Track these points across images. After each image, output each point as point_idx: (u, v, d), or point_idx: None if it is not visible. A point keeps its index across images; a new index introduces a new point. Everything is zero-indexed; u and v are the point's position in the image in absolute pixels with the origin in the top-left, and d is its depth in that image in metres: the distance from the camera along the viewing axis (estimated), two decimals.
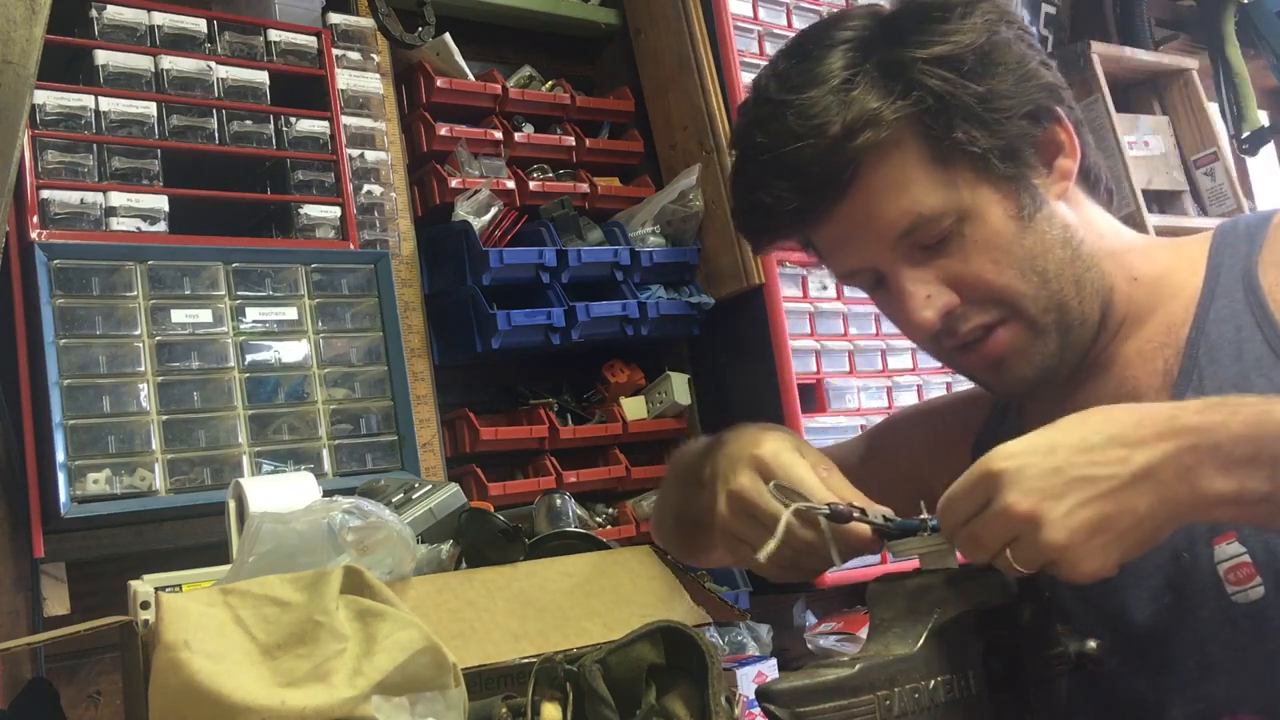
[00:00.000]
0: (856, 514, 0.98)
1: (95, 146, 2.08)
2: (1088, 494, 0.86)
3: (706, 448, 1.21)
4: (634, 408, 2.82)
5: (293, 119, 2.32)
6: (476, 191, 2.59)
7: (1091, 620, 0.98)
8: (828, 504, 0.99)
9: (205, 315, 2.12)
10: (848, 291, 2.90)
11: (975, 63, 1.08)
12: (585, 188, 2.81)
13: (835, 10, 1.16)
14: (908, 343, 2.98)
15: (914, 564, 0.97)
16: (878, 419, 1.68)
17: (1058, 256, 1.11)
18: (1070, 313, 1.11)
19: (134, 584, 1.25)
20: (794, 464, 1.05)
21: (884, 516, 0.99)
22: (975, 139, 1.07)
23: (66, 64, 2.13)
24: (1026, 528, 0.86)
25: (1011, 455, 0.88)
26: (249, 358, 2.15)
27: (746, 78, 2.86)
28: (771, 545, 0.97)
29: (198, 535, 2.08)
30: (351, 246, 2.33)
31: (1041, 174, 1.12)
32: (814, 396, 2.79)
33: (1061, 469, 0.86)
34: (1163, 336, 1.14)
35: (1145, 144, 3.74)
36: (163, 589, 1.23)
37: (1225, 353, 1.09)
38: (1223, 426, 0.88)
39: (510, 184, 2.67)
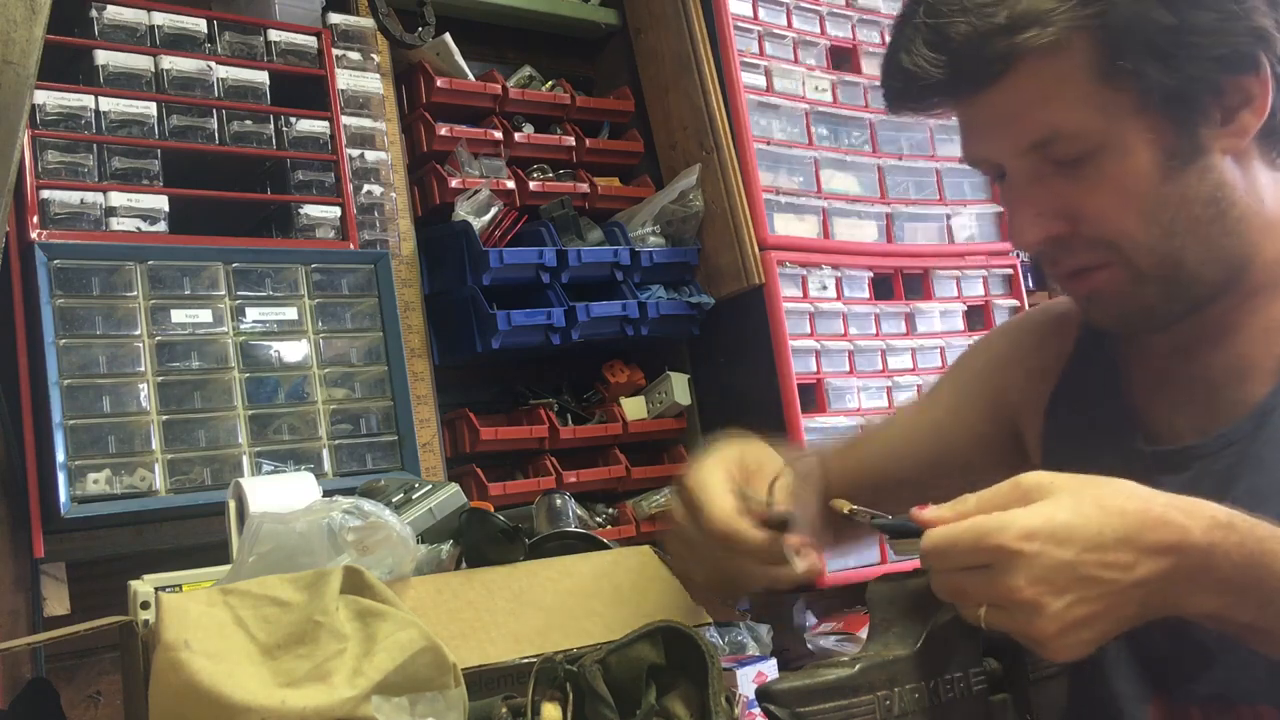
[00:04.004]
0: (792, 521, 0.99)
1: (95, 146, 2.08)
2: (1087, 593, 0.85)
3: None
4: (634, 408, 2.82)
5: (293, 119, 2.32)
6: (476, 191, 2.59)
7: None
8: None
9: (205, 315, 2.12)
10: (847, 291, 2.90)
11: None
12: (585, 188, 2.81)
13: None
14: (908, 342, 3.02)
15: (914, 564, 0.97)
16: (878, 419, 1.66)
17: (1194, 214, 1.03)
18: (1184, 271, 1.05)
19: (134, 584, 1.26)
20: (710, 498, 1.04)
21: (884, 516, 0.99)
22: (1147, 72, 0.99)
23: (66, 64, 2.13)
24: (1022, 609, 0.85)
25: (1029, 536, 0.85)
26: (249, 358, 2.15)
27: (747, 78, 2.87)
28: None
29: (198, 535, 2.08)
30: (351, 246, 2.33)
31: (1214, 123, 1.02)
32: (814, 396, 2.79)
33: (1072, 565, 0.85)
34: None
35: None
36: (163, 589, 1.23)
37: None
38: (1224, 556, 0.86)
39: (510, 184, 2.67)
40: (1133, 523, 0.86)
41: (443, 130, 2.60)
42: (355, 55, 2.47)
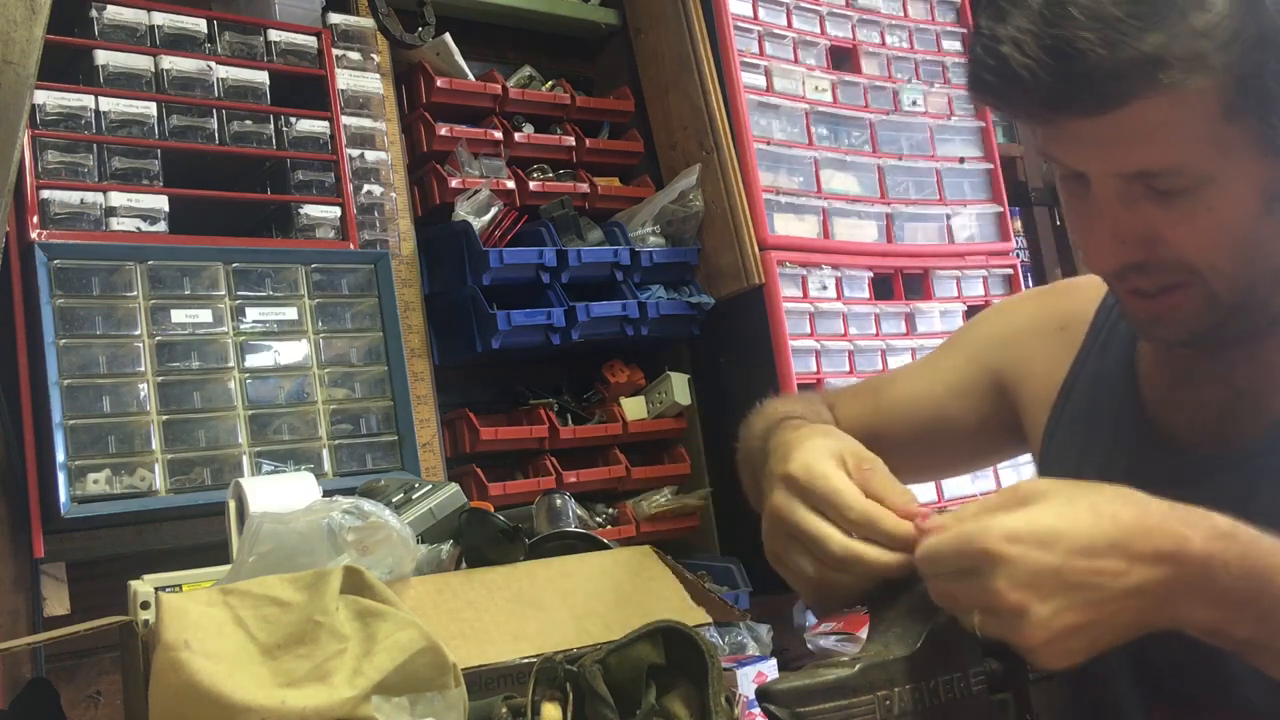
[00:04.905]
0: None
1: (95, 146, 2.08)
2: (1076, 599, 0.83)
3: (761, 446, 1.13)
4: (634, 408, 2.82)
5: (293, 119, 2.32)
6: (476, 191, 2.59)
7: None
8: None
9: (205, 315, 2.12)
10: (847, 291, 2.91)
11: None
12: (585, 188, 2.81)
13: None
14: (908, 342, 3.02)
15: None
16: (885, 376, 1.62)
17: (1277, 249, 0.99)
18: (1254, 297, 1.02)
19: (134, 584, 1.26)
20: (828, 475, 0.96)
21: None
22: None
23: (66, 64, 2.13)
24: (1008, 614, 0.83)
25: (1013, 539, 0.83)
26: (249, 358, 2.15)
27: (747, 78, 2.87)
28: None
29: (198, 535, 2.08)
30: (351, 246, 2.33)
31: None
32: None
33: (1058, 570, 0.82)
34: None
35: None
36: (163, 589, 1.23)
37: None
38: (1224, 567, 0.84)
39: (510, 184, 2.67)
40: (1126, 529, 0.84)
41: (443, 130, 2.60)
42: (355, 55, 2.47)
